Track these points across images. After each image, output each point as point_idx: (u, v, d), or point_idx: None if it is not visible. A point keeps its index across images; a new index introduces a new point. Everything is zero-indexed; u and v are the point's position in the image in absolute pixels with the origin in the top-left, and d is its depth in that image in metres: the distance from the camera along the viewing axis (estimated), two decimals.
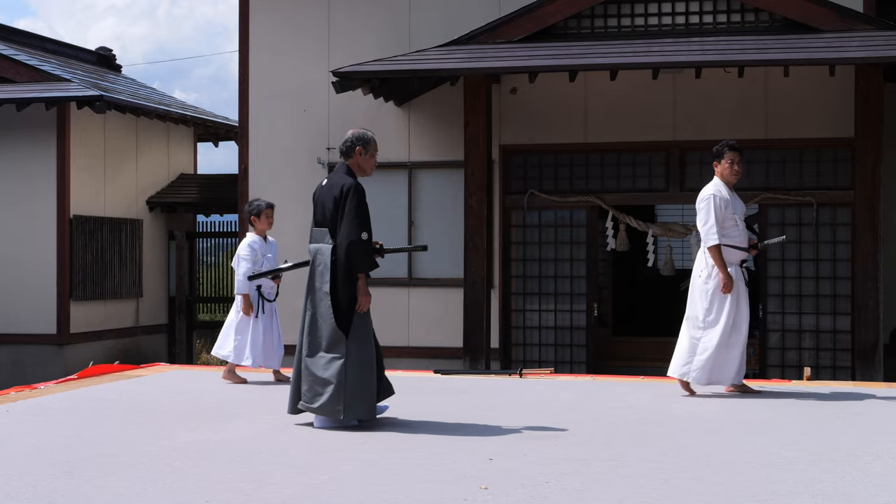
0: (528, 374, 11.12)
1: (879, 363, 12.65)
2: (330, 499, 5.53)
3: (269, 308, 10.42)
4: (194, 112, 20.44)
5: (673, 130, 14.00)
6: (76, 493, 5.62)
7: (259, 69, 15.35)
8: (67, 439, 7.21)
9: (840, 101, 13.41)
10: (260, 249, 10.39)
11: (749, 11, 13.37)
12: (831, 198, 13.33)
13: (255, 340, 10.31)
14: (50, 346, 17.06)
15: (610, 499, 5.51)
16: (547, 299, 14.29)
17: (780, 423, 7.93)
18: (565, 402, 9.20)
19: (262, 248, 10.42)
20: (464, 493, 5.61)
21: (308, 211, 14.63)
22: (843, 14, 12.86)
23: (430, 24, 14.64)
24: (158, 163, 19.76)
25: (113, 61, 21.77)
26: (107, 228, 18.06)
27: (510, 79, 14.22)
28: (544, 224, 14.35)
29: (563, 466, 6.27)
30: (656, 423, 7.87)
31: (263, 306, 10.37)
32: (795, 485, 5.79)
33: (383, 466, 6.31)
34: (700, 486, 5.76)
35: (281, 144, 15.23)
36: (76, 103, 16.83)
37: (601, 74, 13.50)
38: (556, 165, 14.37)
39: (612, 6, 13.68)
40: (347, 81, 13.02)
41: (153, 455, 6.62)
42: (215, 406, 8.99)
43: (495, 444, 7.05)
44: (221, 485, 5.79)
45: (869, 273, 12.67)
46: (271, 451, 6.79)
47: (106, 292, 18.02)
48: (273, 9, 15.35)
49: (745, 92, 13.73)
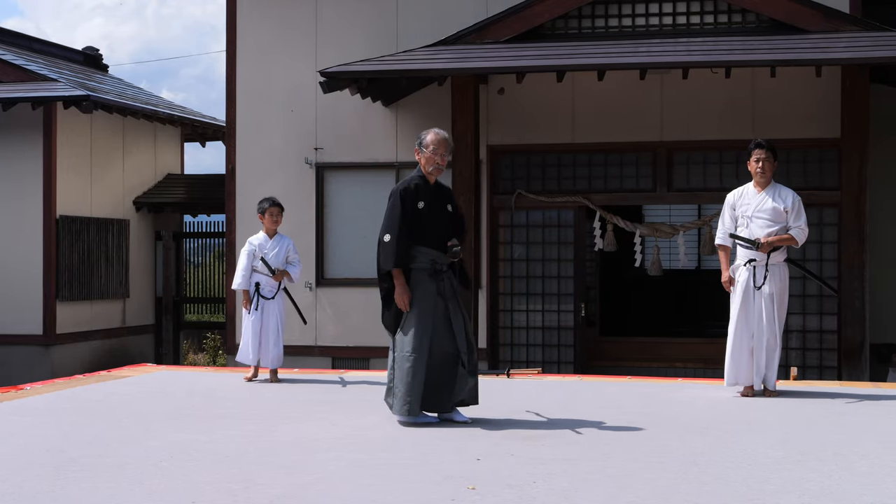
0: (516, 374, 11.12)
1: (866, 363, 12.69)
2: (317, 499, 5.53)
3: (267, 306, 10.39)
4: (181, 112, 20.40)
5: (660, 131, 14.02)
6: (63, 494, 5.60)
7: (246, 69, 15.32)
8: (54, 440, 7.19)
9: (826, 101, 13.44)
10: (259, 247, 10.42)
11: (736, 12, 13.40)
12: (818, 198, 13.35)
13: (249, 337, 10.35)
14: (36, 346, 17.00)
15: (598, 499, 5.51)
16: (535, 299, 14.30)
17: (767, 423, 7.95)
18: (553, 402, 9.19)
19: (263, 246, 10.44)
20: (451, 493, 5.61)
21: (296, 210, 14.76)
22: (829, 15, 12.89)
23: (418, 24, 14.63)
24: (145, 163, 19.71)
25: (100, 61, 21.71)
26: (93, 228, 18.01)
27: (498, 79, 14.22)
28: (532, 224, 14.36)
29: (551, 466, 6.27)
30: (644, 424, 7.88)
31: (258, 304, 10.36)
32: (782, 484, 5.81)
33: (371, 467, 6.31)
34: (688, 486, 5.77)
35: (268, 144, 15.21)
36: (63, 103, 16.78)
37: (589, 75, 13.51)
38: (543, 165, 14.38)
39: (600, 7, 13.70)
40: (335, 81, 13.01)
41: (140, 456, 6.60)
42: (202, 407, 8.97)
43: (483, 444, 7.04)
44: (209, 485, 5.78)
45: (855, 273, 12.71)
46: (259, 452, 6.78)
47: (92, 293, 17.97)
48: (261, 9, 15.32)
49: (732, 92, 13.75)
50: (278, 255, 10.43)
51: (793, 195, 9.28)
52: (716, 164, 13.92)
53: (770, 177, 9.30)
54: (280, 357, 10.51)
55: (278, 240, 10.52)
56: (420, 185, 7.99)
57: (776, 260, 9.23)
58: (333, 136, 14.93)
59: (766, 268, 9.13)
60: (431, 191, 8.02)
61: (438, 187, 8.12)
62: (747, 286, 9.18)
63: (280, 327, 10.46)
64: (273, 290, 10.44)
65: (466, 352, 7.91)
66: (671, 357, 14.44)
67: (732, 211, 9.36)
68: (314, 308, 14.71)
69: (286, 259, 10.50)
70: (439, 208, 8.01)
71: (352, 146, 14.89)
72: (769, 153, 9.25)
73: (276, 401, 9.25)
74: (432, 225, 7.95)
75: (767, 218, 9.17)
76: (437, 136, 8.06)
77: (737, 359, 9.19)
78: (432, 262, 7.90)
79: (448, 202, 8.09)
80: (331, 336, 14.83)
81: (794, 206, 9.19)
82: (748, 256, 9.20)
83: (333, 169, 15.02)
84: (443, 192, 8.15)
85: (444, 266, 7.95)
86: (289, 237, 10.73)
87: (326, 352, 14.79)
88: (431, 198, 7.99)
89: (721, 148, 13.77)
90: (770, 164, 9.25)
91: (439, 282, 7.91)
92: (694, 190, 14.06)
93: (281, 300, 10.54)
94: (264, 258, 10.37)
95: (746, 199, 9.31)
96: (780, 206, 9.18)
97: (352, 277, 14.86)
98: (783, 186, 9.39)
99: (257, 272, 10.40)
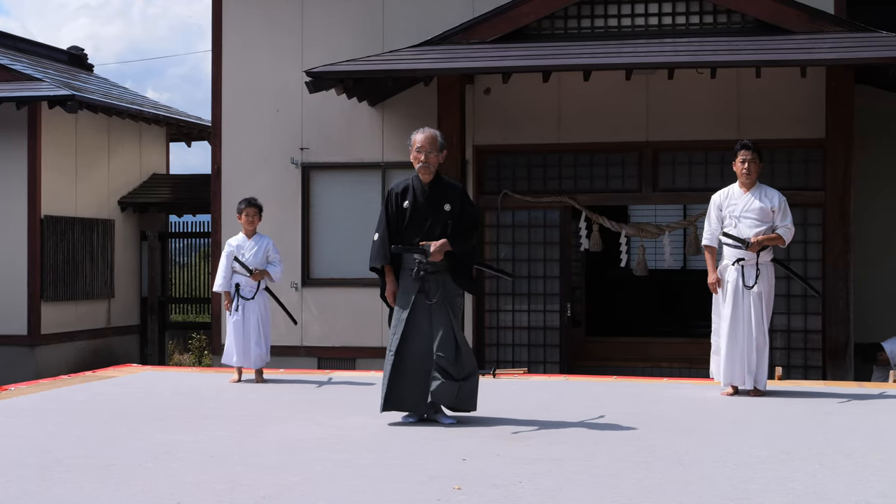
0: (502, 374, 11.12)
1: (850, 363, 12.74)
2: (302, 499, 5.52)
3: (247, 306, 10.34)
4: (167, 112, 20.35)
5: (646, 131, 14.04)
6: (48, 494, 5.59)
7: (232, 69, 15.30)
8: (39, 441, 7.17)
9: (811, 102, 13.48)
10: (237, 248, 10.41)
11: (721, 13, 13.43)
12: (803, 198, 13.38)
13: (233, 339, 10.36)
14: (21, 347, 16.92)
15: (583, 498, 5.52)
16: (520, 299, 14.30)
17: (752, 423, 7.97)
18: (538, 402, 9.21)
19: (241, 246, 10.42)
20: (437, 493, 5.61)
21: (281, 210, 14.75)
22: (814, 16, 12.93)
23: (404, 24, 14.63)
24: (130, 163, 19.65)
25: (85, 61, 21.64)
26: (78, 229, 17.95)
27: (484, 79, 14.22)
28: (518, 224, 14.36)
29: (537, 466, 6.28)
30: (629, 423, 7.89)
31: (238, 304, 10.32)
32: (767, 484, 5.82)
33: (356, 467, 6.31)
34: (673, 486, 5.78)
35: (254, 144, 15.18)
36: (47, 103, 16.71)
37: (575, 75, 13.52)
38: (529, 166, 14.39)
39: (586, 7, 13.71)
40: (321, 81, 13.00)
41: (125, 456, 6.59)
42: (188, 407, 8.96)
43: (468, 444, 7.05)
44: (194, 486, 5.77)
45: (840, 273, 12.76)
46: (244, 452, 6.77)
47: (77, 293, 17.91)
48: (246, 8, 15.29)
49: (717, 93, 13.78)
50: (257, 254, 10.39)
51: (778, 195, 9.35)
52: (701, 165, 13.95)
53: (756, 178, 9.35)
54: (263, 357, 10.45)
55: (257, 239, 10.47)
56: (412, 184, 7.93)
57: (764, 260, 9.27)
58: (319, 136, 14.91)
59: (755, 267, 9.19)
60: (424, 190, 7.91)
61: (436, 186, 7.95)
62: (737, 286, 9.22)
63: (262, 327, 10.40)
64: (253, 290, 10.39)
65: (451, 357, 7.75)
66: (657, 357, 14.46)
67: (719, 211, 9.42)
68: (300, 308, 14.69)
69: (266, 259, 10.44)
70: (430, 208, 7.87)
71: (338, 146, 14.87)
72: (755, 154, 9.31)
73: (262, 401, 9.24)
74: (416, 225, 7.86)
75: (755, 218, 9.22)
76: (418, 135, 8.01)
77: (731, 359, 9.21)
78: (418, 263, 7.78)
79: (446, 201, 7.89)
80: (316, 336, 14.81)
81: (781, 206, 9.27)
82: (737, 256, 9.23)
83: (319, 169, 15.00)
84: (441, 191, 7.95)
85: (429, 267, 7.80)
86: (268, 237, 10.68)
87: (312, 352, 14.77)
88: (422, 197, 7.89)
89: (706, 148, 13.79)
90: (756, 166, 9.32)
91: (424, 283, 7.81)
92: (679, 190, 14.08)
93: (263, 300, 10.47)
94: (238, 258, 10.32)
95: (733, 199, 9.36)
96: (768, 206, 9.24)
97: (338, 278, 14.85)
98: (767, 187, 9.47)
99: (237, 273, 10.36)
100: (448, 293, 7.91)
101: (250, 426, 7.84)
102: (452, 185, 8.10)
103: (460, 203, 7.95)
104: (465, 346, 7.91)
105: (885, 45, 12.29)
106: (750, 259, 9.20)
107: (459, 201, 7.95)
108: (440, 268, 7.83)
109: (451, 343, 7.79)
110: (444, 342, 7.77)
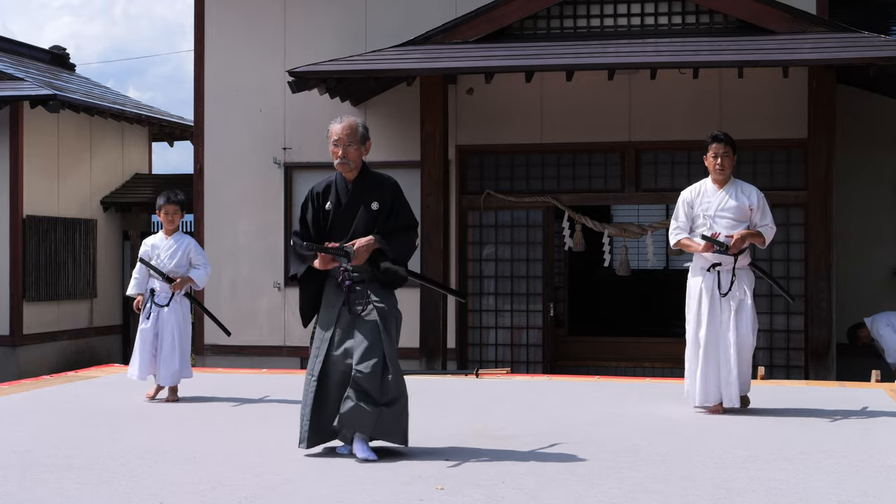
0: (485, 374, 11.13)
1: (832, 362, 12.77)
2: (285, 499, 5.52)
3: (161, 315, 9.31)
4: (149, 111, 20.29)
5: (628, 131, 14.06)
6: (29, 495, 5.57)
7: (214, 68, 15.26)
8: (20, 441, 7.14)
9: (793, 102, 13.52)
10: (153, 248, 9.38)
11: (703, 13, 13.45)
12: (785, 198, 13.42)
13: (138, 349, 9.35)
14: (2, 347, 16.86)
15: (565, 498, 5.52)
16: (503, 299, 14.31)
17: (734, 423, 7.98)
18: (521, 402, 9.21)
19: (157, 246, 9.38)
20: (420, 493, 5.61)
21: (264, 210, 14.71)
22: (796, 16, 12.96)
23: (387, 24, 14.62)
24: (113, 163, 19.59)
25: (67, 60, 21.56)
26: (60, 228, 17.89)
27: (466, 79, 14.22)
28: (501, 224, 14.36)
29: (519, 466, 6.28)
30: (611, 424, 7.91)
31: (150, 311, 9.34)
32: (749, 483, 5.84)
33: (339, 467, 6.30)
34: (655, 486, 5.79)
35: (237, 144, 15.15)
36: (29, 102, 16.65)
37: (557, 75, 13.53)
38: (512, 166, 14.39)
39: (568, 7, 13.72)
40: (303, 81, 12.97)
41: (107, 457, 6.57)
42: (169, 407, 8.94)
43: (451, 444, 7.05)
44: (176, 486, 5.76)
45: (822, 273, 12.79)
46: (226, 453, 6.76)
47: (59, 293, 17.85)
48: (229, 8, 15.26)
49: (699, 93, 13.81)
50: (173, 255, 9.30)
51: (756, 191, 8.47)
52: (683, 165, 13.97)
53: (730, 174, 8.50)
54: (175, 374, 9.27)
55: (177, 239, 9.37)
56: (333, 183, 6.87)
57: (742, 264, 8.36)
58: (302, 136, 14.89)
59: (732, 272, 8.31)
60: (347, 188, 6.82)
61: (361, 183, 6.84)
62: (713, 294, 8.33)
63: (177, 339, 9.27)
64: (168, 296, 9.32)
65: (373, 375, 6.47)
66: (639, 357, 14.48)
67: (690, 210, 8.51)
68: (282, 309, 14.66)
69: (189, 262, 9.35)
70: (355, 207, 6.78)
71: (320, 146, 14.81)
72: (728, 147, 8.43)
73: (244, 402, 9.22)
74: (340, 227, 6.76)
75: (732, 217, 8.35)
76: (335, 125, 6.91)
77: (706, 375, 8.28)
78: (343, 271, 6.65)
79: (373, 199, 6.77)
80: (298, 337, 14.76)
81: (759, 204, 8.40)
82: (712, 260, 8.35)
83: (302, 169, 14.98)
84: (367, 188, 6.83)
85: (356, 275, 6.66)
86: (190, 237, 9.58)
87: (295, 352, 14.72)
88: (345, 196, 6.80)
89: (689, 148, 13.79)
90: (730, 161, 8.44)
91: (349, 293, 6.65)
92: (662, 190, 14.09)
93: (181, 309, 9.39)
94: (145, 260, 9.33)
95: (706, 196, 8.48)
96: (745, 204, 8.37)
97: None
98: (744, 182, 8.59)
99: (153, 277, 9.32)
100: (382, 303, 6.73)
101: (233, 426, 7.82)
102: (381, 181, 6.91)
103: (391, 200, 6.82)
104: (395, 365, 6.60)
105: (866, 45, 12.33)
106: (727, 264, 8.30)
107: (391, 198, 6.82)
108: (369, 275, 6.70)
109: (377, 359, 6.52)
110: (366, 356, 6.51)
